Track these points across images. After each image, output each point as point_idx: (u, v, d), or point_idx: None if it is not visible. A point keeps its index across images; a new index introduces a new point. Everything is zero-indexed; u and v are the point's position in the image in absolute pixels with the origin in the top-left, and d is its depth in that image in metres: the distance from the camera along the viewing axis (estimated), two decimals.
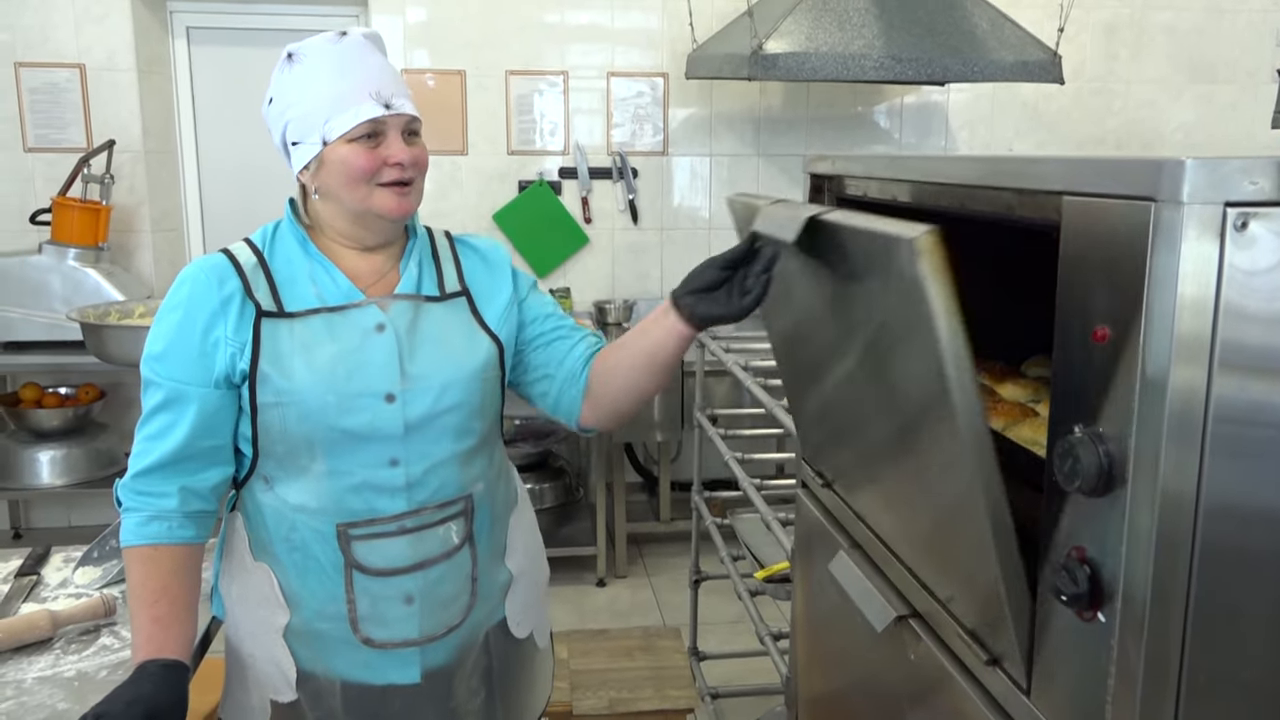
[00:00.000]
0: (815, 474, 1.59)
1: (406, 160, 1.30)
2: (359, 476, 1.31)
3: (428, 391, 1.33)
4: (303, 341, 1.30)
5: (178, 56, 4.17)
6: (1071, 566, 0.84)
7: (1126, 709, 0.80)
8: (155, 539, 1.28)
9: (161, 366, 1.29)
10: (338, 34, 1.33)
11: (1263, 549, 0.78)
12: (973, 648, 1.05)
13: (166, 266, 4.15)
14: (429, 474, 1.34)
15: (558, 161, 4.26)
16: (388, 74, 1.33)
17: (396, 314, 1.34)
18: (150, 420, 1.30)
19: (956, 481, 0.96)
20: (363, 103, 1.28)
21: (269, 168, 4.27)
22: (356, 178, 1.29)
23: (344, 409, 1.28)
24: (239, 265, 1.32)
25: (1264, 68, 4.49)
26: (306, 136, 1.31)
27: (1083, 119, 4.47)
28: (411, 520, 1.34)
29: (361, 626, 1.35)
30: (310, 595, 1.34)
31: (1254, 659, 0.80)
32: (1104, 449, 0.80)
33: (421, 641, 1.38)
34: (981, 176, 1.02)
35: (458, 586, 1.40)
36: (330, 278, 1.34)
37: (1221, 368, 0.74)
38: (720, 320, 1.28)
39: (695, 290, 1.29)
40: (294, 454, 1.31)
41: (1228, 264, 0.72)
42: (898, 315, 0.98)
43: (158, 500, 1.29)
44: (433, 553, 1.36)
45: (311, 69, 1.32)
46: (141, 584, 1.28)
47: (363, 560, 1.33)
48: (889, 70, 3.38)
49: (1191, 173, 0.71)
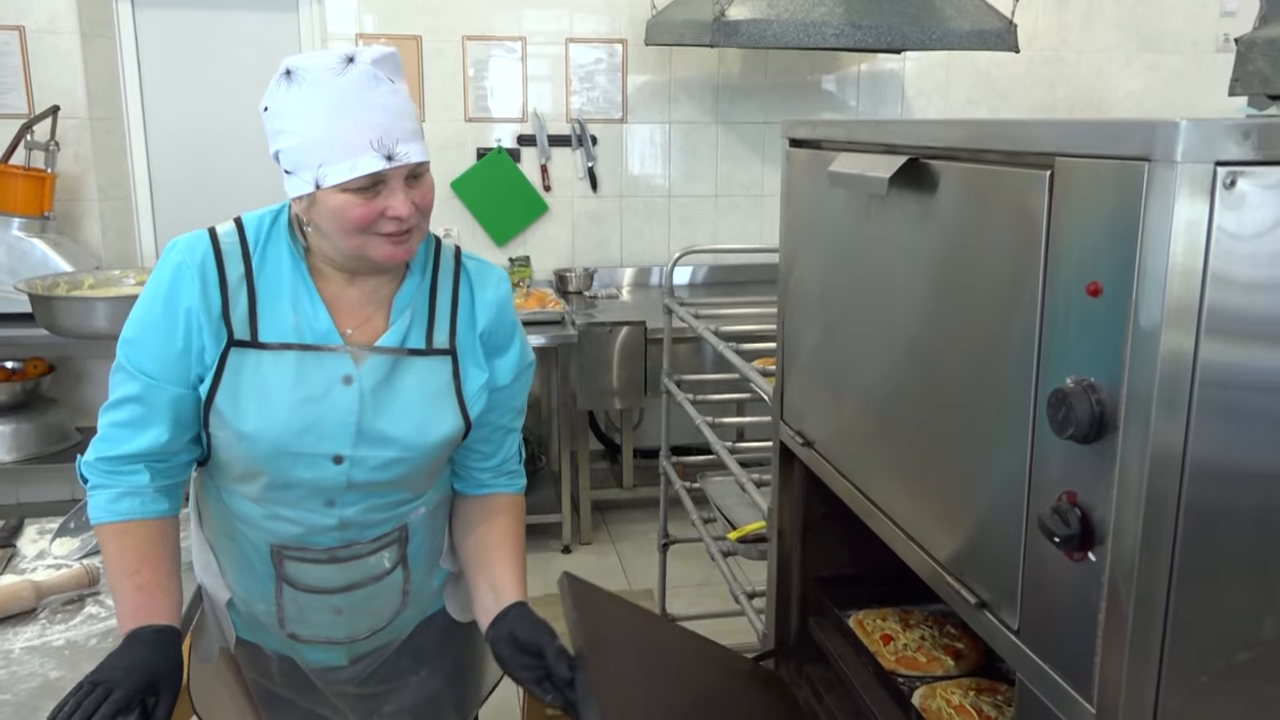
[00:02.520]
0: (795, 434, 1.62)
1: (406, 214, 1.20)
2: (295, 512, 1.31)
3: (378, 457, 1.29)
4: (265, 381, 1.25)
5: (122, 19, 4.06)
6: (1063, 510, 0.89)
7: (1116, 641, 0.85)
8: (128, 515, 1.27)
9: (136, 356, 1.26)
10: (343, 60, 1.18)
11: (1246, 488, 0.83)
12: (961, 593, 1.09)
13: (115, 236, 4.06)
14: (363, 516, 1.34)
15: (516, 129, 4.23)
16: (394, 114, 1.18)
17: (368, 369, 1.28)
18: (120, 407, 1.27)
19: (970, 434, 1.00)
20: (362, 154, 1.15)
21: (220, 134, 4.19)
22: (350, 228, 1.20)
23: (291, 463, 1.27)
24: (223, 273, 1.25)
25: (1207, 38, 4.60)
26: (299, 171, 1.19)
27: (1034, 87, 4.55)
28: (343, 552, 1.35)
29: (288, 625, 1.38)
30: (244, 589, 1.38)
31: (1236, 593, 0.85)
32: (1096, 398, 0.84)
33: (345, 641, 1.41)
34: (971, 139, 1.05)
35: (388, 600, 1.42)
36: (313, 309, 1.27)
37: (1210, 314, 0.78)
38: (506, 673, 1.33)
39: (514, 641, 1.31)
40: (238, 478, 1.32)
41: (1217, 217, 0.76)
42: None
43: (129, 478, 1.27)
44: (363, 577, 1.38)
45: (309, 98, 1.17)
46: (118, 556, 1.26)
47: (294, 578, 1.35)
48: (849, 37, 3.41)
49: (1185, 133, 0.74)
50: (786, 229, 1.64)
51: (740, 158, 4.44)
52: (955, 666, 1.48)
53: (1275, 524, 0.84)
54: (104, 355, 4.02)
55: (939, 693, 1.39)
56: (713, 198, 4.46)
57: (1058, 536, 0.89)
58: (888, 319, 1.27)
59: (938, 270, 1.13)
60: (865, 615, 1.62)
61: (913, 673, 1.46)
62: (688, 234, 4.43)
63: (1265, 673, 0.86)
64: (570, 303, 4.02)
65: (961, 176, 1.08)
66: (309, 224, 1.24)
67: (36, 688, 1.27)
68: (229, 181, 4.23)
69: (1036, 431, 0.94)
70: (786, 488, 1.72)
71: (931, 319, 1.15)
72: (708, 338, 2.37)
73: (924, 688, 1.41)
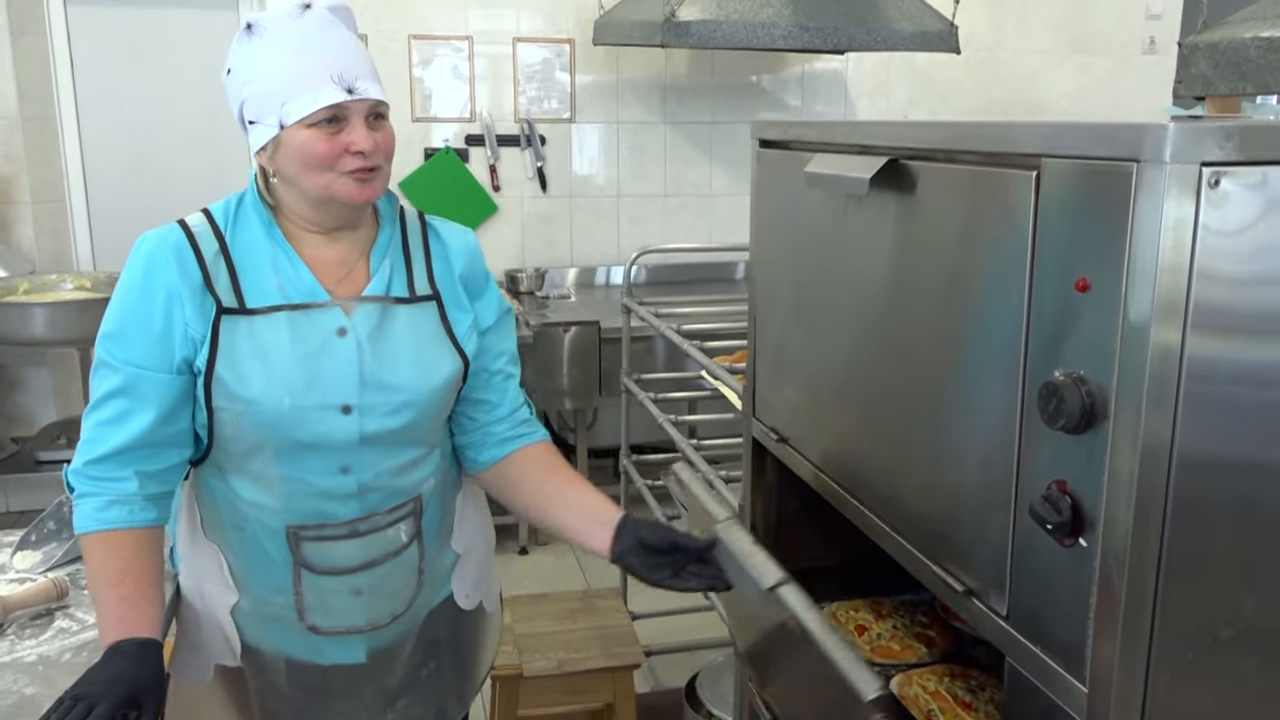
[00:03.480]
0: (769, 430, 1.65)
1: (368, 148, 1.23)
2: (311, 483, 1.29)
3: (386, 405, 1.29)
4: (261, 343, 1.25)
5: (54, 16, 3.93)
6: (1054, 498, 0.92)
7: (1109, 622, 0.89)
8: (115, 523, 1.25)
9: (118, 348, 1.25)
10: (301, 6, 1.24)
11: (1232, 476, 0.87)
12: (948, 581, 1.12)
13: (49, 239, 3.94)
14: (380, 480, 1.33)
15: (464, 129, 4.21)
16: (353, 53, 1.25)
17: (360, 318, 1.30)
18: (105, 405, 1.25)
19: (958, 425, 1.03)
20: (323, 86, 1.21)
21: (158, 134, 4.09)
22: (315, 165, 1.23)
23: (299, 420, 1.26)
24: (199, 251, 1.26)
25: (1135, 40, 4.76)
26: (263, 117, 1.23)
27: (972, 87, 4.66)
28: (364, 525, 1.33)
29: (308, 616, 1.35)
30: (257, 583, 1.35)
31: (1220, 574, 0.89)
32: (1085, 390, 0.88)
33: (367, 629, 1.39)
34: (954, 140, 1.08)
35: (405, 579, 1.41)
36: (294, 270, 1.29)
37: (1196, 309, 0.82)
38: (641, 579, 1.34)
39: (643, 547, 1.32)
40: (247, 455, 1.29)
41: (1202, 215, 0.80)
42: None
43: (116, 484, 1.25)
44: (382, 553, 1.36)
45: (270, 44, 1.23)
46: (103, 566, 1.24)
47: (311, 560, 1.33)
48: (797, 39, 3.45)
49: (1174, 136, 0.78)
50: (757, 229, 1.66)
51: (688, 158, 4.47)
52: (929, 654, 1.52)
53: (1256, 508, 0.88)
54: (39, 362, 3.92)
55: (915, 680, 1.43)
56: (661, 197, 4.49)
57: (1050, 524, 0.92)
58: (866, 316, 1.30)
59: (919, 268, 1.16)
60: (838, 607, 1.65)
61: (888, 661, 1.50)
62: (637, 233, 4.45)
63: (1246, 648, 0.90)
64: (522, 303, 4.01)
65: (941, 177, 1.11)
66: (274, 175, 1.27)
67: (12, 705, 1.24)
68: (167, 182, 4.13)
69: (1025, 423, 0.98)
70: (758, 483, 1.75)
71: (913, 316, 1.18)
72: (671, 336, 2.39)
73: (900, 675, 1.44)
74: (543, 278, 4.20)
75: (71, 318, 3.36)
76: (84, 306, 3.40)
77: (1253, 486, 0.87)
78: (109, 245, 4.15)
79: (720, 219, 4.55)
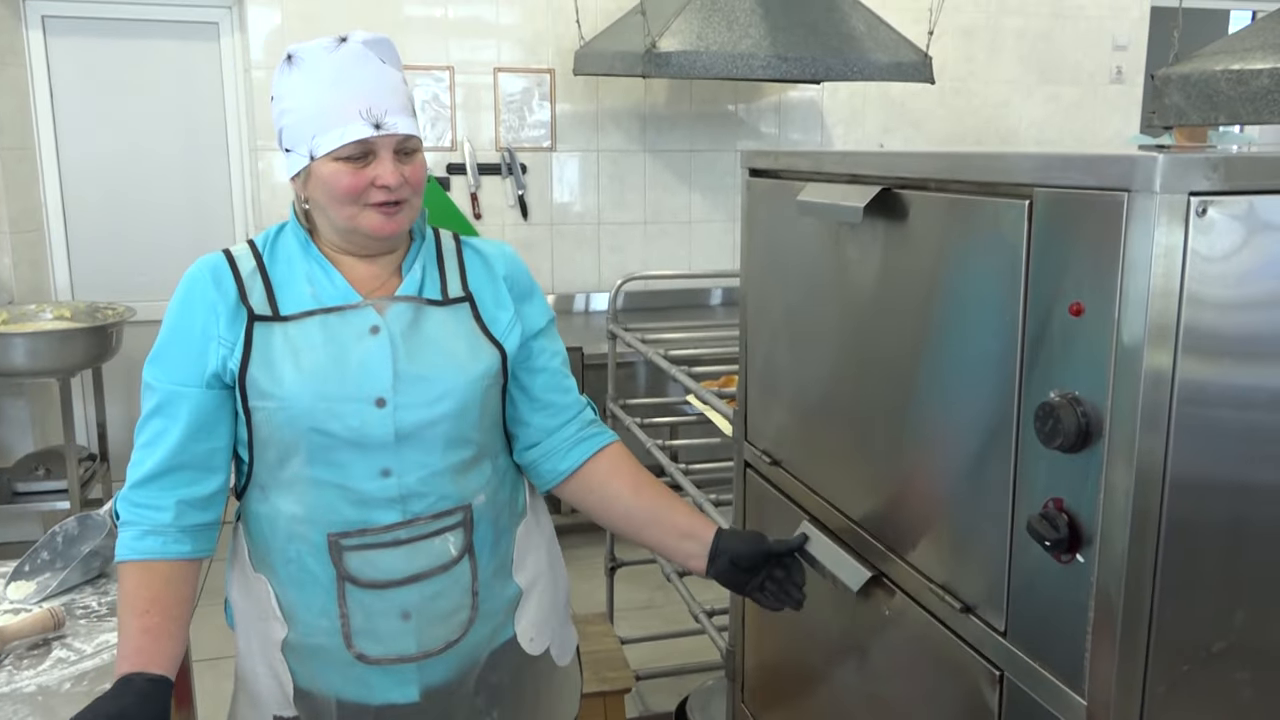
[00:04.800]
0: (761, 453, 1.67)
1: (394, 183, 1.25)
2: (350, 486, 1.28)
3: (421, 396, 1.29)
4: (294, 345, 1.27)
5: (33, 47, 3.93)
6: (1051, 515, 0.95)
7: (1106, 636, 0.92)
8: (149, 554, 1.25)
9: (159, 369, 1.29)
10: (337, 40, 1.27)
11: (1223, 494, 0.90)
12: (945, 599, 1.15)
13: (28, 269, 3.91)
14: (424, 485, 1.30)
15: (445, 157, 4.23)
16: (384, 88, 1.27)
17: (393, 316, 1.31)
18: (146, 426, 1.29)
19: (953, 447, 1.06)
20: (350, 122, 1.23)
21: (138, 165, 4.09)
22: (341, 197, 1.26)
23: (332, 413, 1.25)
24: (236, 269, 1.30)
25: (1102, 70, 4.88)
26: (297, 147, 1.27)
27: (945, 117, 4.75)
28: (405, 531, 1.29)
29: (355, 642, 1.30)
30: (305, 609, 1.31)
31: (1212, 588, 0.92)
32: (1081, 410, 0.91)
33: (418, 657, 1.32)
34: (946, 170, 1.12)
35: (457, 600, 1.34)
36: (328, 278, 1.31)
37: (1187, 332, 0.85)
38: (733, 589, 1.42)
39: (734, 566, 1.39)
40: (284, 460, 1.28)
41: (1191, 242, 0.84)
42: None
43: (153, 514, 1.26)
44: (429, 565, 1.31)
45: (306, 76, 1.27)
46: (134, 593, 1.25)
47: (355, 572, 1.29)
48: (775, 69, 3.52)
49: (1163, 167, 0.82)
50: (748, 255, 1.69)
51: (668, 185, 4.51)
52: None
53: (1246, 524, 0.91)
54: (16, 393, 3.89)
55: None
56: (641, 225, 4.53)
57: (1048, 541, 0.95)
58: (860, 339, 1.33)
59: (912, 293, 1.20)
60: None
61: None
62: (618, 261, 4.48)
63: (1238, 660, 0.94)
64: None
65: (933, 205, 1.15)
66: (306, 201, 1.31)
67: None
68: (146, 212, 4.12)
69: (1020, 443, 1.01)
70: (749, 505, 1.77)
71: (907, 339, 1.21)
72: (659, 363, 2.42)
73: None
74: None
75: (51, 348, 3.34)
76: (64, 337, 3.38)
77: (1243, 503, 0.91)
78: (88, 275, 4.13)
79: (699, 245, 4.60)
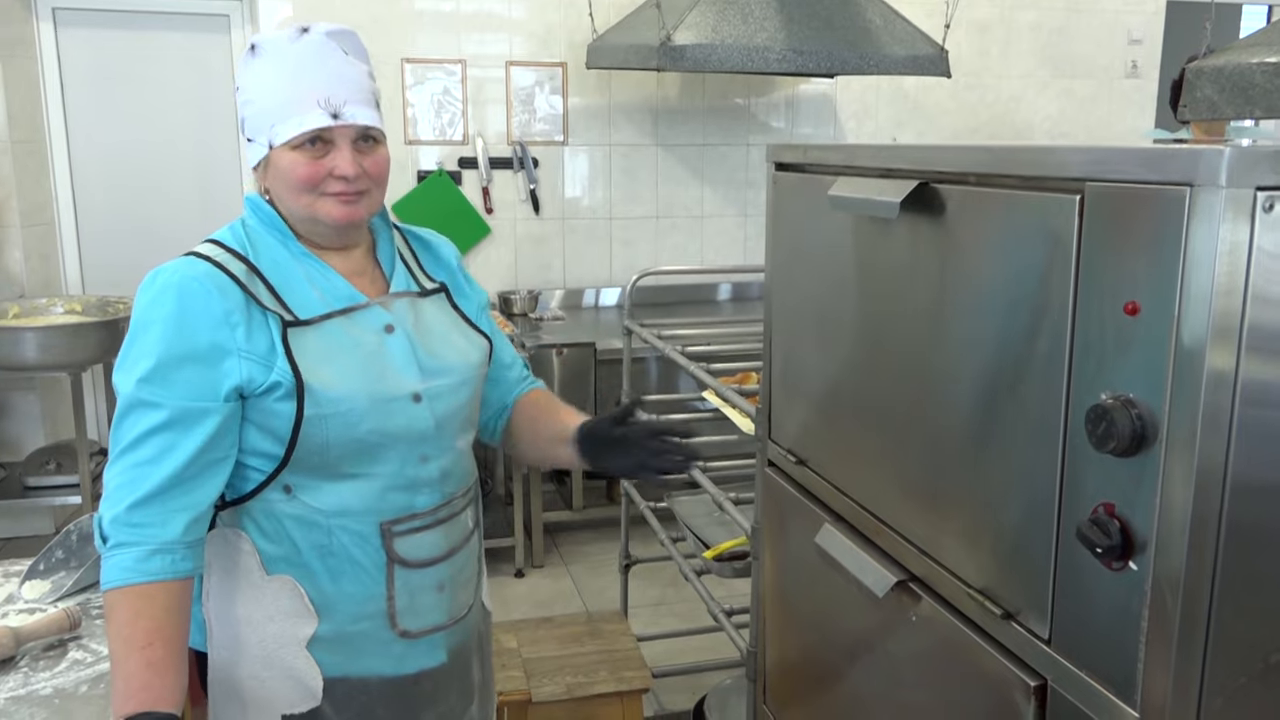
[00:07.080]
0: (785, 452, 1.65)
1: (351, 173, 1.26)
2: (397, 475, 1.31)
3: (446, 386, 1.35)
4: (325, 349, 1.26)
5: (43, 39, 3.91)
6: (1102, 521, 0.92)
7: (1161, 646, 0.89)
8: (157, 575, 1.17)
9: (160, 388, 1.19)
10: (299, 30, 1.27)
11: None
12: (985, 604, 1.12)
13: (39, 263, 3.90)
14: (454, 465, 1.38)
15: (457, 151, 4.20)
16: (345, 79, 1.27)
17: (400, 313, 1.35)
18: (143, 444, 1.19)
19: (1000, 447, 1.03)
20: (308, 111, 1.24)
21: (149, 157, 4.07)
22: (298, 186, 1.26)
23: (382, 413, 1.28)
24: (230, 273, 1.24)
25: (1117, 64, 4.84)
26: (257, 136, 1.27)
27: (958, 111, 4.71)
28: (445, 510, 1.37)
29: (400, 620, 1.34)
30: (346, 599, 1.31)
31: (1271, 597, 0.89)
32: (1135, 413, 0.88)
33: (448, 625, 1.40)
34: (988, 164, 1.09)
35: (473, 567, 1.46)
36: (327, 279, 1.31)
37: (1251, 331, 0.82)
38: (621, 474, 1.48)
39: (595, 437, 1.45)
40: (333, 463, 1.27)
41: (1257, 238, 0.81)
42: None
43: (159, 531, 1.18)
44: (458, 540, 1.41)
45: (267, 66, 1.27)
46: (130, 624, 1.16)
47: (405, 555, 1.33)
48: (791, 62, 3.48)
49: (1229, 160, 0.79)
50: (773, 251, 1.66)
51: (679, 179, 4.48)
52: None
53: None
54: (27, 387, 3.87)
55: None
56: (653, 219, 4.50)
57: (1099, 547, 0.92)
58: (896, 337, 1.30)
59: (951, 290, 1.17)
60: None
61: None
62: (629, 255, 4.45)
63: None
64: (516, 325, 4.00)
65: (974, 200, 1.12)
66: (268, 192, 1.31)
67: None
68: (157, 205, 4.10)
69: (1068, 446, 0.98)
70: (770, 504, 1.74)
71: (944, 338, 1.18)
72: (677, 359, 2.39)
73: None
74: (536, 300, 4.19)
75: (62, 342, 3.32)
76: (75, 330, 3.36)
77: None
78: (98, 268, 4.11)
79: (710, 240, 4.57)
